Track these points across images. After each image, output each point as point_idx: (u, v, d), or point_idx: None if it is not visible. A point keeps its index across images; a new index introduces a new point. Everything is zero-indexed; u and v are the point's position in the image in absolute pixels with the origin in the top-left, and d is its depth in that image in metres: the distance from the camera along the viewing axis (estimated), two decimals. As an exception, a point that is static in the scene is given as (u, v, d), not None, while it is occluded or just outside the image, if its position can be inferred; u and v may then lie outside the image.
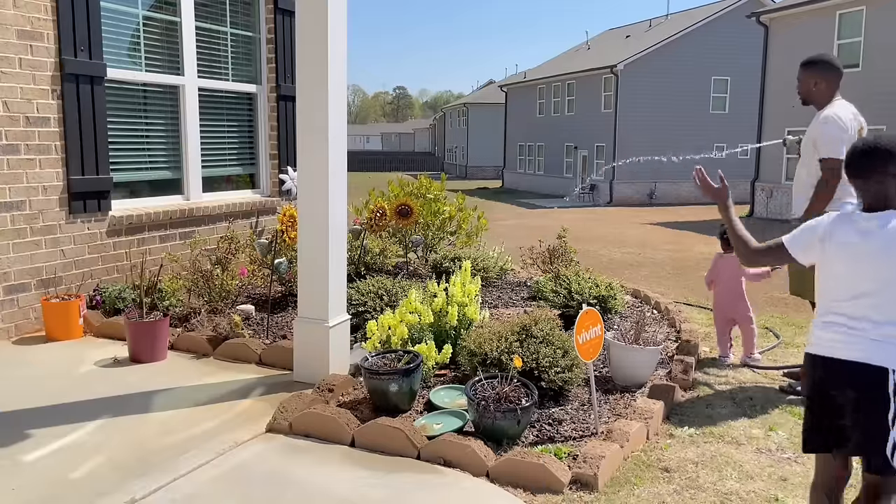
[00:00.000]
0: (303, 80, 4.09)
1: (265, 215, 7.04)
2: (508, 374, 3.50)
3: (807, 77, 4.33)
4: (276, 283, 5.77)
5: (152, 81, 5.99)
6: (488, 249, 7.27)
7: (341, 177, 4.21)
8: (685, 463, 3.37)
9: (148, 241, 5.88)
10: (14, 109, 4.84)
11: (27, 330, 5.03)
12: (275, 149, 7.21)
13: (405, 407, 3.73)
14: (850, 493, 2.58)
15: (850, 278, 2.31)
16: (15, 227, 4.89)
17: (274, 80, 7.11)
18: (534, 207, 28.22)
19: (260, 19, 7.03)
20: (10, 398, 3.84)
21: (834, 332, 2.33)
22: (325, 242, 4.14)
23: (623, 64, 29.12)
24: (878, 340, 2.24)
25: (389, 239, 7.07)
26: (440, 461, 3.18)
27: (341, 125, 4.18)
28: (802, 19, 20.09)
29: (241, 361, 4.55)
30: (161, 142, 6.18)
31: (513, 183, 40.51)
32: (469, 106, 52.39)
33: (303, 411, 3.51)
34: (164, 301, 5.21)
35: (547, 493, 2.98)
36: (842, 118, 4.13)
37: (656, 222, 20.92)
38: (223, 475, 3.06)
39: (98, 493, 2.87)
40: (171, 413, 3.71)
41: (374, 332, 4.19)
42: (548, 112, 36.57)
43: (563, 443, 3.41)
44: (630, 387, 4.17)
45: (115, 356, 4.60)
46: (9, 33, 4.77)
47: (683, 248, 14.61)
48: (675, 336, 5.25)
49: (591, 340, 3.55)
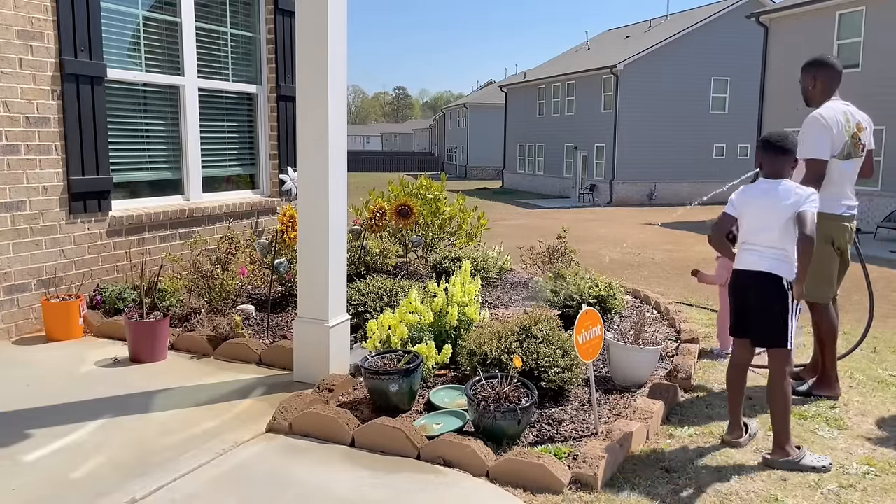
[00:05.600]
0: (303, 80, 4.09)
1: (265, 215, 7.05)
2: (508, 374, 3.50)
3: (805, 78, 4.34)
4: (276, 283, 5.78)
5: (152, 82, 5.99)
6: (488, 249, 7.28)
7: (341, 177, 4.21)
8: (685, 463, 3.37)
9: (148, 241, 5.88)
10: (14, 110, 4.84)
11: (27, 330, 5.04)
12: (275, 149, 7.22)
13: (405, 407, 3.73)
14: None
15: (758, 219, 3.46)
16: (15, 227, 4.89)
17: (274, 81, 7.11)
18: (534, 207, 28.22)
19: (260, 19, 7.04)
20: (10, 398, 3.84)
21: (748, 254, 3.48)
22: (325, 242, 4.14)
23: (623, 64, 29.13)
24: (774, 259, 3.38)
25: (389, 239, 7.07)
26: (440, 461, 3.18)
27: (341, 125, 4.18)
28: (802, 19, 20.10)
29: (241, 361, 4.55)
30: (161, 142, 6.18)
31: (513, 183, 40.51)
32: (469, 106, 52.39)
33: (303, 411, 3.51)
34: (165, 301, 5.22)
35: (547, 493, 2.98)
36: (825, 117, 4.12)
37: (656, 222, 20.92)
38: (223, 475, 3.06)
39: (98, 493, 2.87)
40: (172, 413, 3.71)
41: (374, 332, 4.20)
42: (548, 112, 36.57)
43: (563, 443, 3.42)
44: (630, 387, 4.18)
45: (116, 356, 4.60)
46: (9, 33, 4.77)
47: (683, 248, 14.61)
48: (674, 336, 5.25)
49: (591, 340, 3.55)
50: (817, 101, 4.29)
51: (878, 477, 3.28)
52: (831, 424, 3.90)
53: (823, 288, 4.22)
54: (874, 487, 3.18)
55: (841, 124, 4.12)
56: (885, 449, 3.60)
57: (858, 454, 3.53)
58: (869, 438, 3.73)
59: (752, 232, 3.49)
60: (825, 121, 4.10)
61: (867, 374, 4.82)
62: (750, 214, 3.51)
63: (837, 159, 4.13)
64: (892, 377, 4.76)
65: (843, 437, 3.74)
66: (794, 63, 4.87)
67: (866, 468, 3.36)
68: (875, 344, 5.60)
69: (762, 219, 3.43)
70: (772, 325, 3.41)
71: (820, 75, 4.27)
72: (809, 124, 4.15)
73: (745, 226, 3.53)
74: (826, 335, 4.32)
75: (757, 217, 3.47)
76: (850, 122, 4.17)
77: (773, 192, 3.43)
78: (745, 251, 3.51)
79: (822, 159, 4.07)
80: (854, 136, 4.17)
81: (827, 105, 4.21)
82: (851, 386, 4.55)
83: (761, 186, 3.50)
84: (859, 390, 4.48)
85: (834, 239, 4.17)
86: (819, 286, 4.19)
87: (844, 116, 4.16)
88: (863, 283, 4.74)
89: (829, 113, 4.13)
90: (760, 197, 3.47)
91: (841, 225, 4.18)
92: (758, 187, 3.52)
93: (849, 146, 4.15)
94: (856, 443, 3.67)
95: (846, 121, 4.15)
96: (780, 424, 3.40)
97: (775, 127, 22.82)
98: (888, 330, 6.48)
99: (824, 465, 3.34)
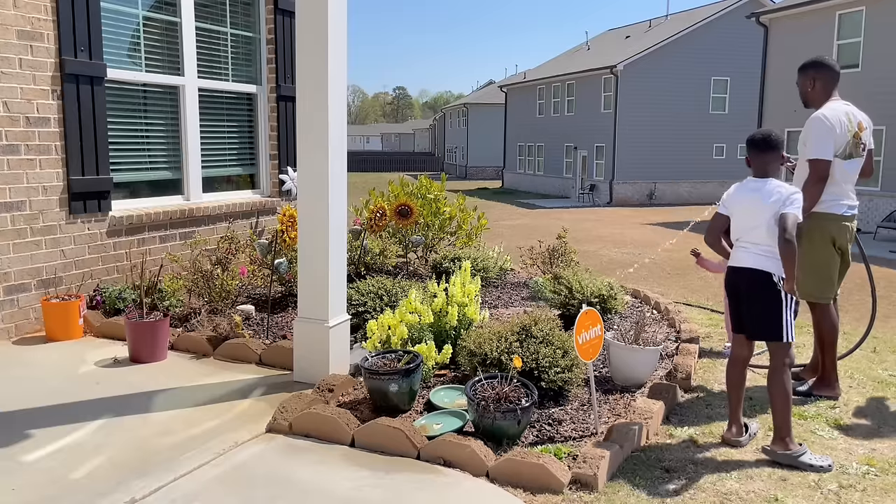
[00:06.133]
0: (303, 80, 4.09)
1: (265, 215, 7.05)
2: (508, 375, 3.50)
3: (803, 80, 4.33)
4: (276, 283, 5.78)
5: (152, 82, 5.99)
6: (488, 249, 7.28)
7: (341, 177, 4.21)
8: (685, 463, 3.37)
9: (148, 241, 5.88)
10: (14, 110, 4.84)
11: (27, 330, 5.04)
12: (275, 149, 7.22)
13: (405, 407, 3.73)
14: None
15: (747, 218, 3.55)
16: (15, 227, 4.89)
17: (274, 81, 7.11)
18: (533, 207, 28.22)
19: (260, 20, 7.04)
20: (10, 398, 3.84)
21: (739, 251, 3.59)
22: (325, 242, 4.14)
23: (623, 64, 29.11)
24: (762, 255, 3.47)
25: (389, 239, 7.07)
26: (440, 461, 3.18)
27: (341, 125, 4.18)
28: (802, 19, 20.09)
29: (241, 361, 4.55)
30: (161, 142, 6.18)
31: (513, 183, 40.50)
32: (469, 106, 52.37)
33: (303, 411, 3.51)
34: (165, 301, 5.22)
35: (547, 493, 2.98)
36: (828, 118, 4.11)
37: (656, 222, 20.92)
38: (223, 475, 3.06)
39: (98, 493, 2.87)
40: (172, 413, 3.71)
41: (374, 332, 4.19)
42: (548, 112, 36.56)
43: (563, 443, 3.42)
44: (630, 387, 4.18)
45: (115, 356, 4.60)
46: (9, 34, 4.77)
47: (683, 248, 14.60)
48: (674, 336, 5.26)
49: (591, 340, 3.55)
50: (818, 102, 4.28)
51: (878, 477, 3.28)
52: (831, 424, 3.90)
53: (824, 288, 4.22)
54: (874, 487, 3.18)
55: (843, 124, 4.12)
56: (885, 449, 3.60)
57: (858, 454, 3.53)
58: (869, 438, 3.73)
59: (742, 230, 3.58)
60: (829, 121, 4.10)
61: (867, 374, 4.82)
62: (739, 213, 3.61)
63: (839, 159, 4.12)
64: (892, 377, 4.76)
65: (843, 437, 3.74)
66: (793, 63, 4.86)
67: (866, 468, 3.36)
68: (875, 344, 5.60)
69: (750, 217, 3.53)
70: (764, 320, 3.48)
71: (818, 76, 4.27)
72: (813, 125, 4.14)
73: (735, 224, 3.64)
74: (827, 335, 4.32)
75: (745, 215, 3.57)
76: (852, 121, 4.16)
77: (760, 190, 3.53)
78: (737, 249, 3.63)
79: (826, 160, 4.07)
80: (856, 135, 4.16)
81: (829, 105, 4.20)
82: (851, 386, 4.55)
83: (749, 185, 3.60)
84: (859, 390, 4.48)
85: (835, 239, 4.17)
86: (820, 286, 4.20)
87: (846, 116, 4.15)
88: (862, 283, 4.74)
89: (832, 113, 4.13)
90: (748, 195, 3.57)
91: (842, 225, 4.18)
92: (746, 186, 3.62)
93: (850, 146, 4.15)
94: (856, 443, 3.67)
95: (848, 121, 4.15)
96: (780, 418, 3.42)
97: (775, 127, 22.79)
98: (888, 330, 6.48)
99: (822, 464, 3.34)
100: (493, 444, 3.28)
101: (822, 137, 4.09)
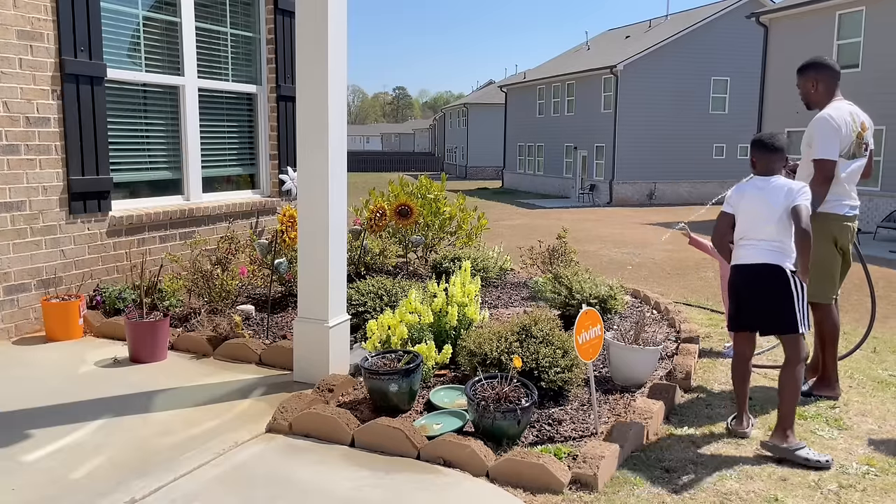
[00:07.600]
0: (303, 80, 4.09)
1: (265, 215, 7.05)
2: (508, 375, 3.50)
3: (804, 81, 4.32)
4: (276, 283, 5.78)
5: (152, 82, 5.99)
6: (488, 249, 7.28)
7: (341, 177, 4.21)
8: (685, 463, 3.37)
9: (148, 241, 5.88)
10: (14, 110, 4.84)
11: (27, 330, 5.04)
12: (275, 149, 7.22)
13: (405, 407, 3.73)
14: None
15: (754, 214, 3.59)
16: (15, 227, 4.89)
17: (274, 81, 7.11)
18: (533, 207, 28.23)
19: (260, 20, 7.04)
20: (10, 398, 3.84)
21: (746, 249, 3.60)
22: (325, 242, 4.14)
23: (623, 64, 29.13)
24: (773, 251, 3.51)
25: (389, 239, 7.07)
26: (440, 461, 3.18)
27: (341, 125, 4.18)
28: (802, 20, 20.10)
29: (241, 361, 4.55)
30: (161, 142, 6.18)
31: (513, 183, 40.51)
32: (469, 106, 52.38)
33: (303, 411, 3.51)
34: (165, 301, 5.22)
35: (547, 493, 2.98)
36: (834, 118, 4.11)
37: (656, 222, 20.93)
38: (223, 475, 3.06)
39: (98, 493, 2.87)
40: (172, 413, 3.71)
41: (374, 332, 4.19)
42: (548, 112, 36.58)
43: (563, 443, 3.42)
44: (630, 387, 4.18)
45: (115, 356, 4.60)
46: (9, 33, 4.77)
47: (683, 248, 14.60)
48: (674, 336, 5.26)
49: (591, 340, 3.55)
50: (821, 103, 4.26)
51: (878, 477, 3.28)
52: (831, 424, 3.90)
53: (826, 287, 4.22)
54: (874, 487, 3.18)
55: (848, 124, 4.12)
56: (885, 449, 3.60)
57: (858, 454, 3.53)
58: (869, 438, 3.73)
59: (750, 228, 3.60)
60: (835, 122, 4.09)
61: (867, 374, 4.82)
62: (746, 211, 3.63)
63: (843, 159, 4.12)
64: (892, 377, 4.76)
65: (843, 437, 3.74)
66: (794, 63, 4.85)
67: (866, 468, 3.36)
68: (875, 344, 5.60)
69: (759, 214, 3.56)
70: (779, 313, 3.52)
71: (820, 78, 4.25)
72: (819, 125, 4.13)
73: (742, 222, 3.65)
74: (828, 335, 4.32)
75: (753, 213, 3.59)
76: (856, 122, 4.16)
77: (767, 187, 3.58)
78: (742, 247, 3.63)
79: (831, 160, 4.06)
80: (859, 136, 4.16)
81: (834, 105, 4.19)
82: (851, 386, 4.55)
83: (755, 184, 3.64)
84: (859, 390, 4.48)
85: (837, 239, 4.17)
86: (822, 286, 4.19)
87: (851, 116, 4.14)
88: (861, 283, 4.74)
89: (838, 113, 4.12)
90: (756, 193, 3.60)
91: (844, 225, 4.18)
92: (752, 184, 3.65)
93: (854, 146, 4.14)
94: (856, 443, 3.67)
95: (853, 121, 4.14)
96: (786, 408, 3.47)
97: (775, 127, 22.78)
98: (888, 330, 6.48)
99: (820, 460, 3.33)
100: (493, 444, 3.28)
101: (828, 138, 4.08)
